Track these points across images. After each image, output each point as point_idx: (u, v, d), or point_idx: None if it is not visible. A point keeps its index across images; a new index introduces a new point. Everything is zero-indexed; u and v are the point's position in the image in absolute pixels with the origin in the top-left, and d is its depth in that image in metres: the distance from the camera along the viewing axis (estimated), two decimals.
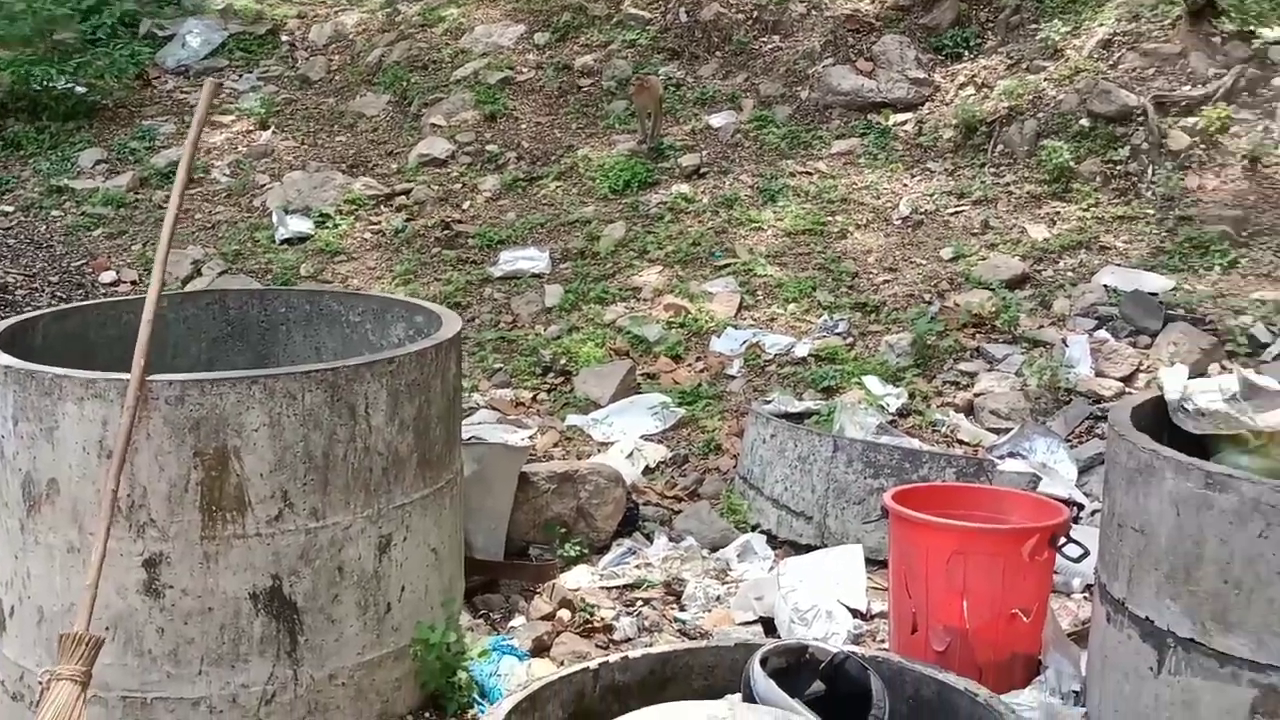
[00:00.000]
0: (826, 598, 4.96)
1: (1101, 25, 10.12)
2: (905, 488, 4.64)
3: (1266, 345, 7.00)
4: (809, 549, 5.65)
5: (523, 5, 12.70)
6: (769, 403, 6.76)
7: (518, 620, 5.04)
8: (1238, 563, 3.56)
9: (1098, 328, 7.32)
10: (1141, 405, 4.40)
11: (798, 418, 6.67)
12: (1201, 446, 4.39)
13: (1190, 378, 4.50)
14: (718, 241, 8.97)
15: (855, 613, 5.03)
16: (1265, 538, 3.50)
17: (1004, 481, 5.65)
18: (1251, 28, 9.58)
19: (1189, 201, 8.55)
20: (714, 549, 5.72)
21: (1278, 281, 7.78)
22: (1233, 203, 8.49)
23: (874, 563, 5.40)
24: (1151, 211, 8.56)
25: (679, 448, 6.81)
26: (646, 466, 6.56)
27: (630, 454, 6.59)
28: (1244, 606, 3.56)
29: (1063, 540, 4.26)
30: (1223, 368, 6.91)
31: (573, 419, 7.06)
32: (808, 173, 9.73)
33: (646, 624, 5.07)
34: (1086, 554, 4.29)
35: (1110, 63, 9.71)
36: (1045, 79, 9.77)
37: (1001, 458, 6.22)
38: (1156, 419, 4.41)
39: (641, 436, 6.84)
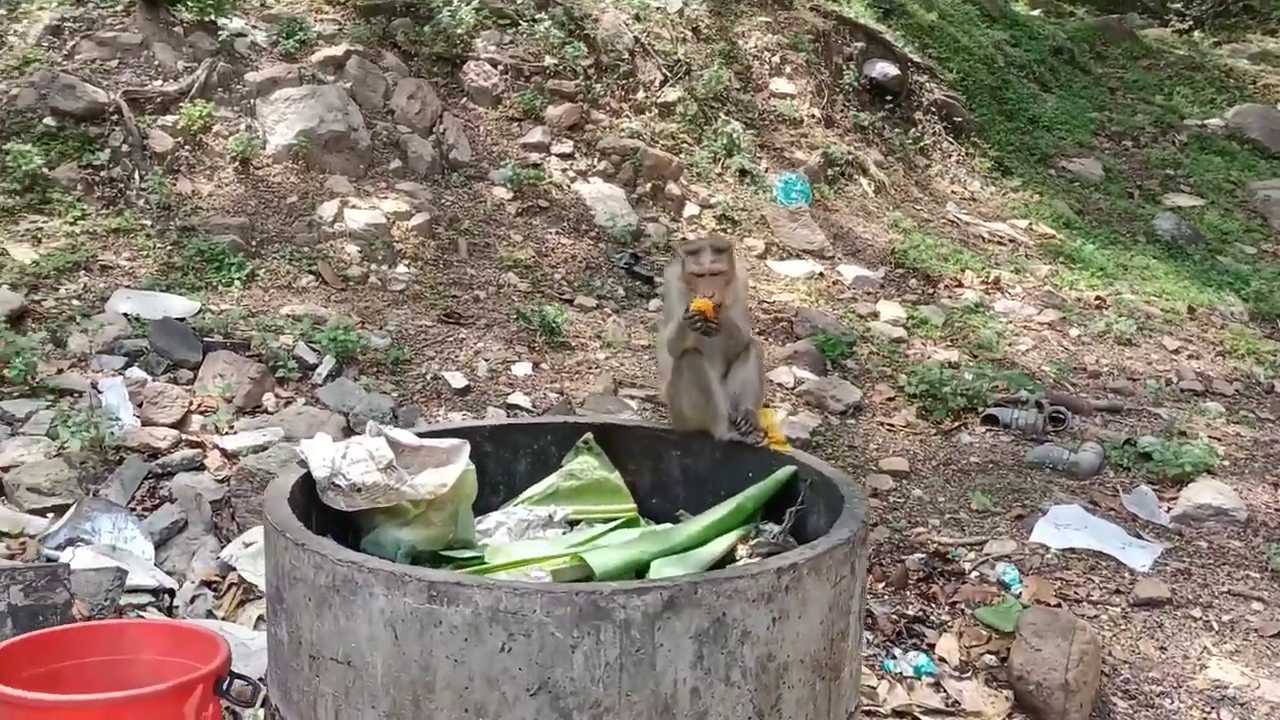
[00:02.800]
0: None
1: (44, 9, 8.92)
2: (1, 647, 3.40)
3: (315, 366, 6.57)
4: None
5: None
6: None
7: None
8: (479, 685, 2.99)
9: (129, 365, 6.35)
10: (291, 492, 3.65)
11: None
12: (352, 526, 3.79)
13: (334, 444, 3.84)
14: None
15: None
16: (508, 650, 2.97)
17: (83, 583, 4.55)
18: (211, 18, 9.06)
19: (188, 210, 7.84)
20: None
21: (300, 293, 7.40)
22: (234, 209, 7.95)
23: None
24: (149, 223, 7.71)
25: None
26: None
27: None
28: None
29: (228, 680, 3.38)
30: (276, 396, 6.37)
31: None
32: None
33: None
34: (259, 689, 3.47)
35: (65, 53, 8.59)
36: None
37: (60, 548, 5.07)
38: (306, 502, 3.70)
39: None
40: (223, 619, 4.85)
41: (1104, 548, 5.66)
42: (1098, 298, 9.78)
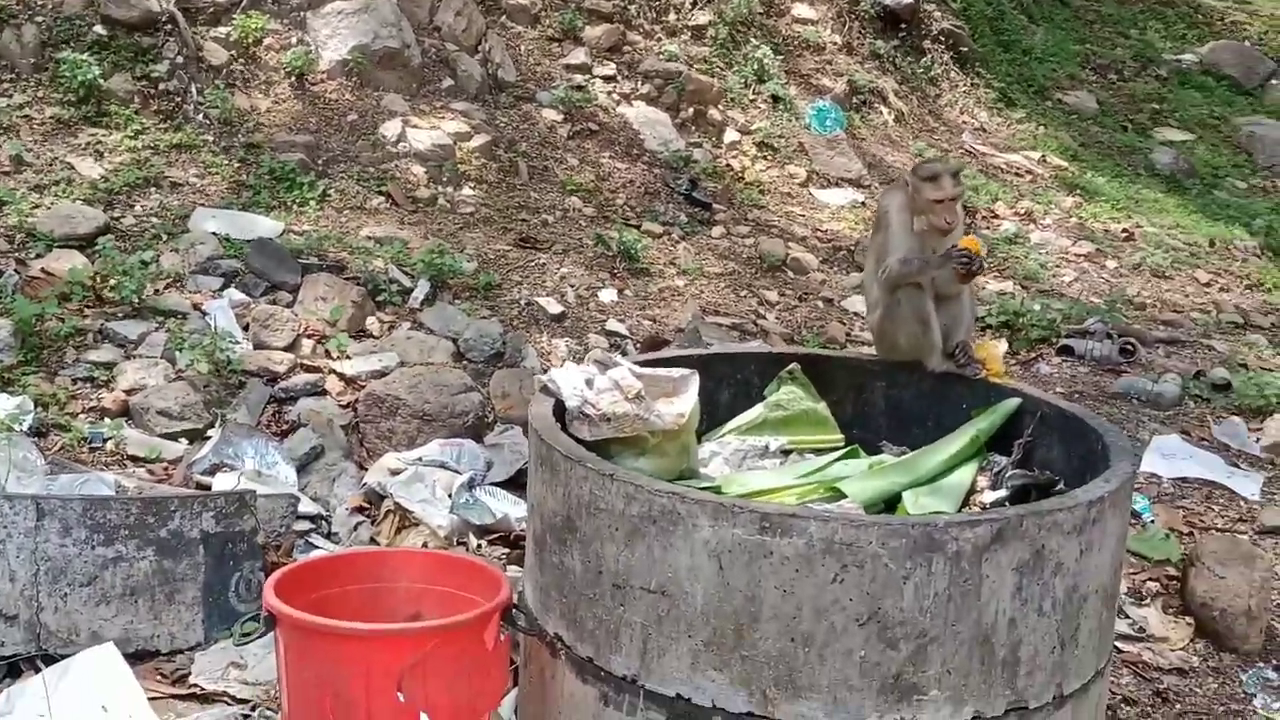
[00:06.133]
0: None
1: None
2: (278, 576, 3.34)
3: (410, 290, 6.48)
4: (23, 661, 4.02)
5: None
6: None
7: None
8: (807, 615, 3.03)
9: (225, 286, 6.22)
10: (543, 417, 3.64)
11: None
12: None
13: (579, 373, 3.83)
14: None
15: None
16: (840, 581, 3.01)
17: (260, 510, 4.48)
18: None
19: (249, 126, 7.64)
20: None
21: (373, 214, 7.28)
22: (296, 127, 7.76)
23: (134, 656, 4.01)
24: (210, 139, 7.49)
25: None
26: None
27: None
28: (816, 664, 3.05)
29: (518, 614, 3.38)
30: (379, 320, 6.29)
31: None
32: None
33: None
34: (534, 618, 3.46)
35: None
36: None
37: (208, 472, 4.99)
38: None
39: None
40: (385, 545, 4.82)
41: (1213, 476, 5.83)
42: (1125, 230, 9.96)
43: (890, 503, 3.72)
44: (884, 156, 10.23)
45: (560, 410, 3.74)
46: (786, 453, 4.17)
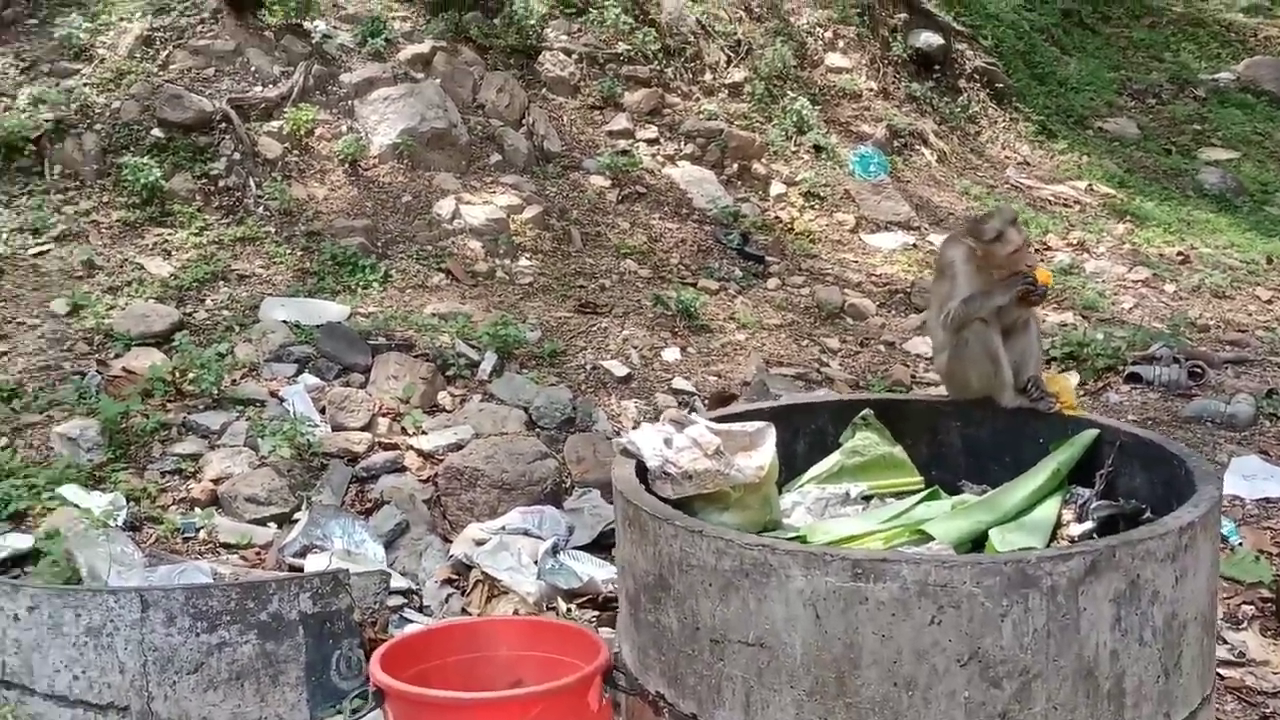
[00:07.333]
0: None
1: (128, 20, 8.82)
2: (382, 650, 3.42)
3: (478, 363, 6.59)
4: None
5: None
6: None
7: None
8: (907, 658, 3.06)
9: (300, 372, 6.35)
10: (626, 479, 3.70)
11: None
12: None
13: (657, 434, 3.89)
14: None
15: None
16: (938, 623, 3.04)
17: (355, 588, 4.56)
18: (298, 21, 9.01)
19: (308, 215, 7.82)
20: None
21: (434, 291, 7.42)
22: (353, 212, 7.93)
23: None
24: (272, 229, 7.68)
25: None
26: None
27: None
28: (921, 708, 3.07)
29: (618, 675, 3.43)
30: (450, 395, 6.39)
31: None
32: None
33: None
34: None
35: (159, 64, 8.52)
36: (86, 84, 8.28)
37: (299, 555, 5.09)
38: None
39: None
40: (477, 614, 4.89)
41: None
42: (1180, 253, 9.94)
43: (977, 542, 3.74)
44: (930, 197, 10.29)
45: (642, 471, 3.81)
46: (867, 498, 4.21)
